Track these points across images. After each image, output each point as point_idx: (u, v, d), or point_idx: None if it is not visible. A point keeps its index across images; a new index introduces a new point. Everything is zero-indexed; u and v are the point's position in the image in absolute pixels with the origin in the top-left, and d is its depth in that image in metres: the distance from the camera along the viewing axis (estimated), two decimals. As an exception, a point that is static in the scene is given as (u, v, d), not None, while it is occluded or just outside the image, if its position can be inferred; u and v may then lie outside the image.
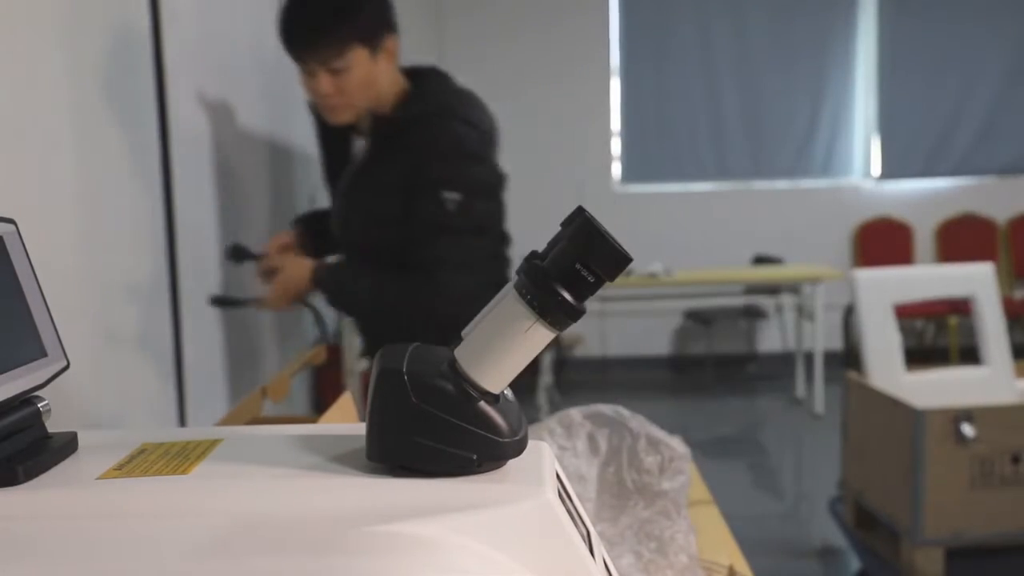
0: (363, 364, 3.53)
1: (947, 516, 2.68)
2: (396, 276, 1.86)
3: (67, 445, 0.58)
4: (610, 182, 6.33)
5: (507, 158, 6.83)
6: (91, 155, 2.59)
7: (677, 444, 1.23)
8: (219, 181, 3.48)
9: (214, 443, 0.60)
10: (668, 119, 6.29)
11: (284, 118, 4.36)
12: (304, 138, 4.64)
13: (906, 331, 3.81)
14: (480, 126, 1.89)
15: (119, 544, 0.48)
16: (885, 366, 2.89)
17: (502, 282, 0.58)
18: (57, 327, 0.61)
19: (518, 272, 0.55)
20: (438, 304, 1.81)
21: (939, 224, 6.26)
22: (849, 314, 5.90)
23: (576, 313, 0.53)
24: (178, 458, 0.57)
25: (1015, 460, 2.68)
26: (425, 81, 1.94)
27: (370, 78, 1.85)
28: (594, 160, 6.30)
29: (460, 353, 0.55)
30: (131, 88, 2.87)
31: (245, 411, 1.40)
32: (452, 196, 1.77)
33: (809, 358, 5.30)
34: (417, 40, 6.04)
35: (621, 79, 6.27)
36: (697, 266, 5.74)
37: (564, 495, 0.57)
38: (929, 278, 3.22)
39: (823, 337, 5.17)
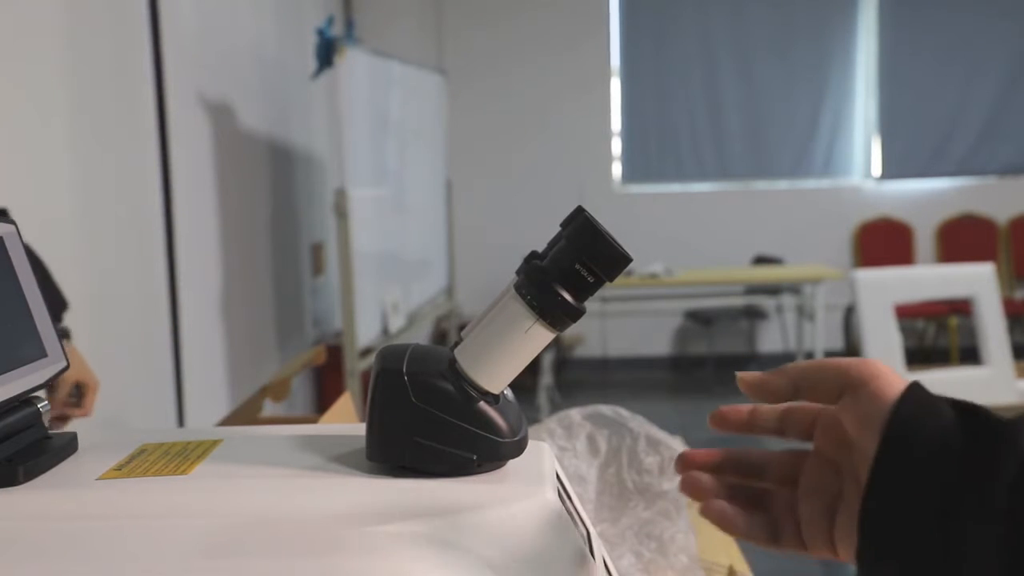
0: (363, 364, 3.52)
1: (947, 516, 2.67)
2: None
3: (67, 445, 0.58)
4: (610, 182, 6.33)
5: (508, 158, 6.83)
6: (91, 156, 2.59)
7: (677, 444, 1.23)
8: (219, 181, 3.48)
9: (214, 443, 0.60)
10: (668, 119, 6.29)
11: (284, 118, 4.36)
12: (304, 137, 4.64)
13: (906, 331, 3.82)
14: None
15: (119, 544, 0.48)
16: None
17: None
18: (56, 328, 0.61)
19: (518, 272, 0.54)
20: None
21: (939, 224, 6.26)
22: (850, 314, 5.90)
23: (576, 313, 0.53)
24: (178, 458, 0.57)
25: (1015, 460, 2.68)
26: None
27: None
28: (594, 160, 6.30)
29: (460, 353, 0.55)
30: (131, 88, 2.87)
31: (246, 411, 1.40)
32: None
33: (810, 358, 5.28)
34: (418, 40, 6.04)
35: (621, 79, 6.27)
36: (697, 266, 5.74)
37: (564, 495, 0.57)
38: (929, 278, 3.22)
39: (824, 337, 5.17)
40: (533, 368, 3.85)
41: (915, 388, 0.47)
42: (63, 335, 1.61)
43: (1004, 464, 0.42)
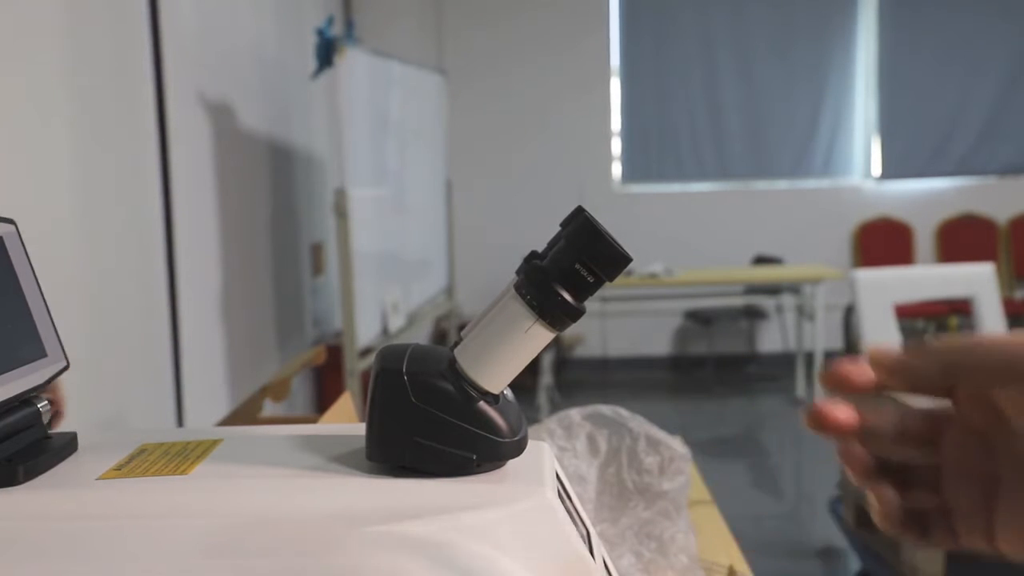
0: (363, 364, 3.52)
1: (947, 516, 2.66)
2: None
3: (67, 445, 0.58)
4: (610, 182, 6.33)
5: (508, 158, 6.82)
6: (90, 156, 2.59)
7: (677, 444, 1.22)
8: (219, 181, 3.47)
9: (214, 443, 0.60)
10: (668, 119, 6.29)
11: (284, 118, 4.36)
12: (304, 137, 4.64)
13: (906, 331, 3.81)
14: None
15: (119, 544, 0.48)
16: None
17: None
18: (56, 327, 0.61)
19: (518, 272, 0.54)
20: None
21: (939, 224, 6.26)
22: (849, 314, 5.90)
23: (576, 313, 0.53)
24: (178, 458, 0.57)
25: (1015, 460, 2.67)
26: None
27: None
28: (594, 160, 6.30)
29: (460, 353, 0.55)
30: (131, 88, 2.87)
31: (246, 411, 1.40)
32: None
33: (809, 358, 5.29)
34: (418, 40, 6.04)
35: (621, 79, 6.27)
36: (697, 266, 5.74)
37: (564, 495, 0.57)
38: (929, 278, 3.22)
39: (823, 337, 5.17)
40: (533, 368, 3.85)
41: None
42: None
43: None
